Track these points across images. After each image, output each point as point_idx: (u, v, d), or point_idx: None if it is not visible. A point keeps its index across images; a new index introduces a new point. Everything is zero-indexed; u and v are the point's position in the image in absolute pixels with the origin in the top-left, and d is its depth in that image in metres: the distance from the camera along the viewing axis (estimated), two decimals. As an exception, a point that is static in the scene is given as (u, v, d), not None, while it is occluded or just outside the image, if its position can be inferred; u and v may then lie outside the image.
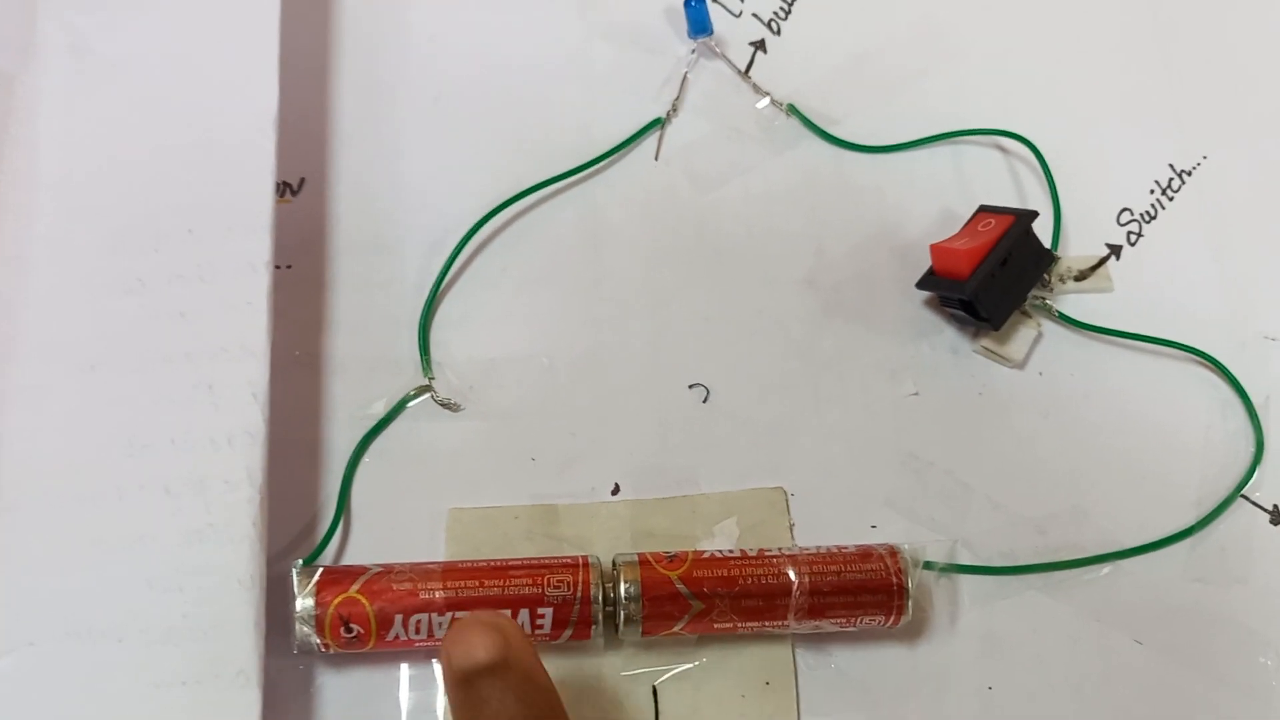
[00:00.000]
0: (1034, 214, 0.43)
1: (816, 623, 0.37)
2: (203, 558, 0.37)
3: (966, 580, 0.40)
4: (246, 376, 0.39)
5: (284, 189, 0.45)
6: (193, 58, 0.44)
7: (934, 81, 0.49)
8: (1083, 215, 0.46)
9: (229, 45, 0.44)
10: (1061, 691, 0.39)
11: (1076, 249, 0.46)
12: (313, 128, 0.46)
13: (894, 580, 0.37)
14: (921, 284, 0.44)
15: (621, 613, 0.37)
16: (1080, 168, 0.47)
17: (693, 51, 0.48)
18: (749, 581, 0.37)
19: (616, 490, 0.41)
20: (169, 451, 0.38)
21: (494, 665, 0.29)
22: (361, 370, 0.43)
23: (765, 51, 0.49)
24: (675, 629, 0.37)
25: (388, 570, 0.37)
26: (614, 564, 0.38)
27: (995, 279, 0.42)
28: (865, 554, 0.38)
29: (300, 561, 0.37)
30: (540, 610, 0.36)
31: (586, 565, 0.37)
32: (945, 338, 0.44)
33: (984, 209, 0.44)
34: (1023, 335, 0.44)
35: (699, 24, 0.47)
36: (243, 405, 0.38)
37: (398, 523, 0.40)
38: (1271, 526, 0.42)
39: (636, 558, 0.37)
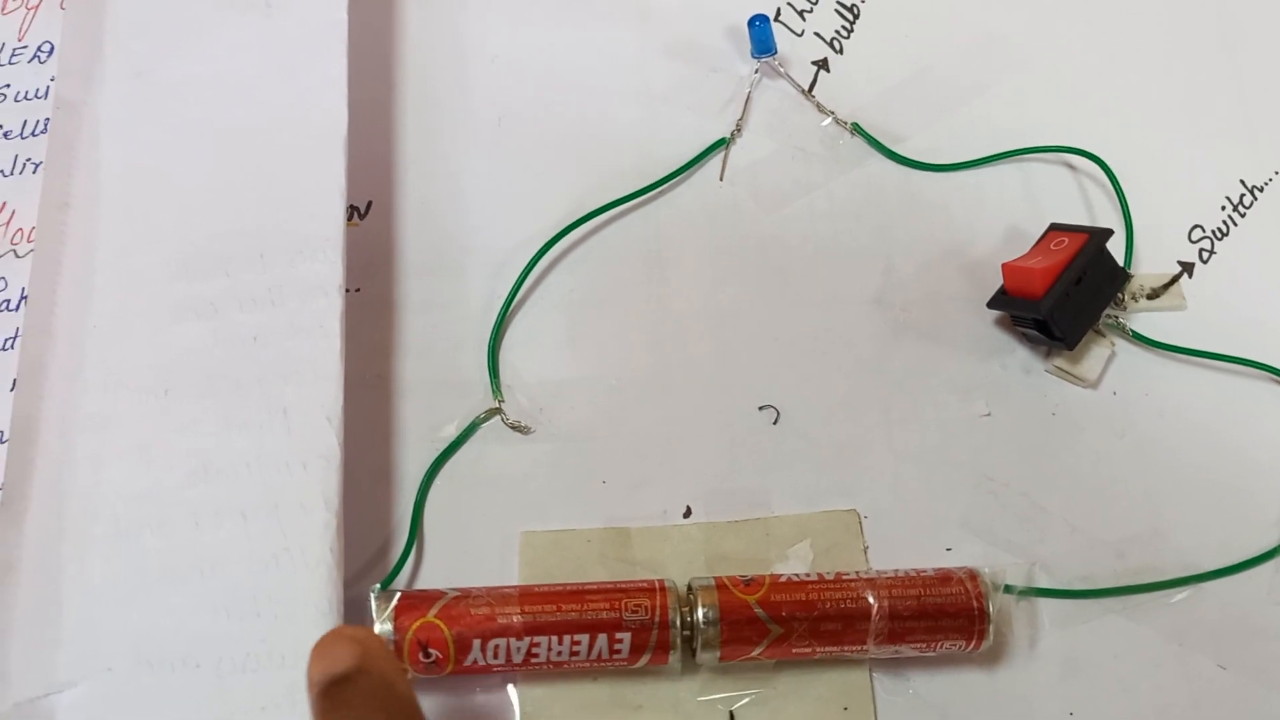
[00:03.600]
0: (1109, 232, 0.42)
1: (896, 648, 0.37)
2: (279, 583, 0.36)
3: (1045, 604, 0.40)
4: (320, 400, 0.39)
5: (352, 212, 0.45)
6: (259, 82, 0.44)
7: (999, 97, 0.48)
8: (1154, 232, 0.46)
9: (296, 69, 0.44)
10: (1145, 717, 0.38)
11: (1148, 267, 0.45)
12: (378, 151, 0.46)
13: (974, 604, 0.37)
14: (993, 303, 0.43)
15: (699, 637, 0.36)
16: (1150, 184, 0.46)
17: (756, 71, 0.48)
18: (828, 605, 0.37)
19: (688, 513, 0.41)
20: (244, 476, 0.38)
21: (351, 674, 0.30)
22: (430, 393, 0.42)
23: (828, 70, 0.48)
24: (753, 654, 0.37)
25: (465, 595, 0.36)
26: (689, 588, 0.37)
27: (1070, 298, 0.41)
28: (945, 577, 0.37)
29: (378, 586, 0.37)
30: (618, 635, 0.36)
31: (664, 589, 0.37)
32: (1017, 357, 0.44)
33: (1055, 227, 0.44)
34: (1096, 354, 0.43)
35: (763, 44, 0.46)
36: (317, 429, 0.38)
37: (470, 546, 0.40)
38: (1356, 547, 0.41)
39: (713, 581, 0.37)
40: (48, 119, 0.45)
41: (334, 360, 0.39)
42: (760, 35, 0.46)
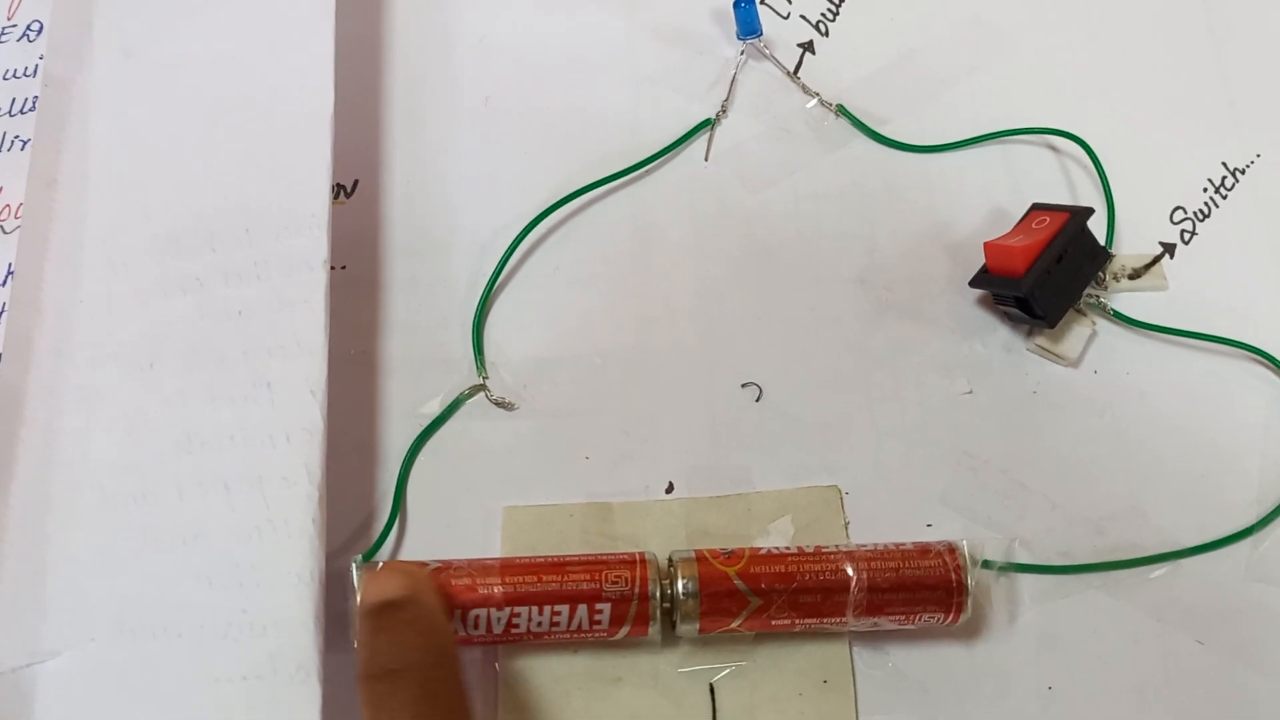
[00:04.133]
0: (1089, 211, 0.42)
1: (875, 619, 0.37)
2: (261, 554, 0.37)
3: (1025, 579, 0.40)
4: (304, 374, 0.39)
5: (338, 190, 0.45)
6: (247, 60, 0.44)
7: (983, 80, 0.49)
8: (1136, 213, 0.46)
9: (283, 48, 0.44)
10: (1122, 692, 0.39)
11: (1130, 247, 0.46)
12: (365, 129, 0.46)
13: (953, 577, 0.37)
14: (975, 282, 0.43)
15: (679, 609, 0.37)
16: (1132, 166, 0.46)
17: (741, 53, 0.48)
18: (807, 578, 0.37)
19: (670, 489, 0.41)
20: (228, 448, 0.38)
21: (401, 601, 0.34)
22: (415, 369, 0.43)
23: (813, 53, 0.49)
24: (732, 625, 0.37)
25: (446, 566, 0.37)
26: (670, 560, 0.38)
27: (1050, 276, 0.42)
28: (924, 550, 0.38)
29: (360, 558, 0.37)
30: (598, 606, 0.36)
31: (644, 561, 0.37)
32: (999, 336, 0.44)
33: (1037, 206, 0.44)
34: (1077, 333, 0.43)
35: (748, 25, 0.47)
36: (301, 402, 0.39)
37: (453, 520, 0.40)
38: (1334, 525, 0.41)
39: (694, 554, 0.37)
40: (36, 97, 0.45)
41: (318, 334, 0.39)
42: (746, 17, 0.46)
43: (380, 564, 0.37)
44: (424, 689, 0.32)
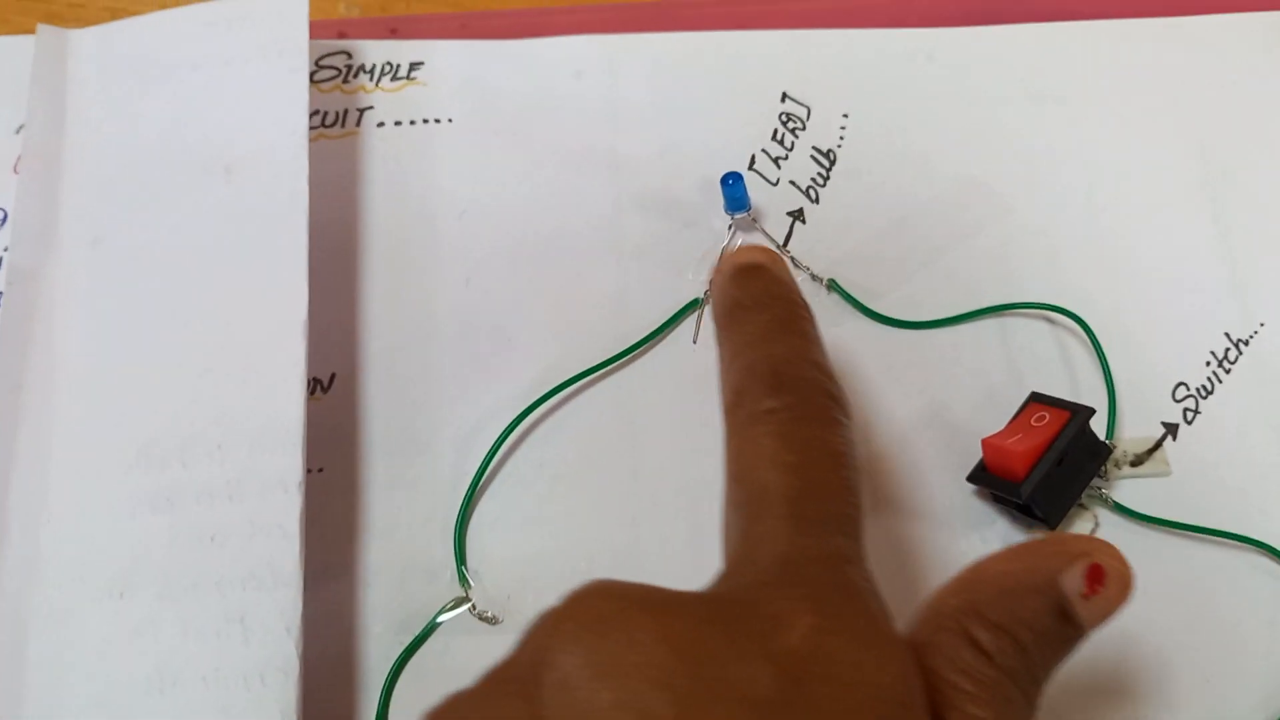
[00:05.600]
0: (1090, 411, 0.41)
1: None
2: (237, 806, 0.36)
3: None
4: (279, 607, 0.38)
5: (314, 385, 0.44)
6: (220, 253, 0.43)
7: (979, 246, 0.47)
8: (1137, 390, 0.45)
9: (257, 241, 0.43)
10: None
11: (1132, 426, 0.44)
12: (343, 318, 0.45)
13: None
14: (973, 478, 0.42)
15: None
16: (1133, 338, 0.45)
17: (730, 227, 0.46)
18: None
19: (661, 707, 0.40)
20: (199, 690, 0.37)
21: (762, 264, 0.34)
22: (397, 578, 0.41)
23: (804, 221, 0.47)
24: None
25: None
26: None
27: (1051, 479, 0.40)
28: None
29: (339, 810, 0.36)
30: None
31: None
32: (998, 529, 0.43)
33: (1036, 399, 0.43)
34: (1078, 528, 0.42)
35: (736, 202, 0.45)
36: (276, 639, 0.37)
37: (436, 751, 0.39)
38: (1344, 734, 0.40)
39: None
40: (1, 292, 0.43)
41: (293, 564, 0.38)
42: (733, 194, 0.45)
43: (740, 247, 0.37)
44: (782, 319, 0.33)
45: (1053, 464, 0.40)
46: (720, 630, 0.23)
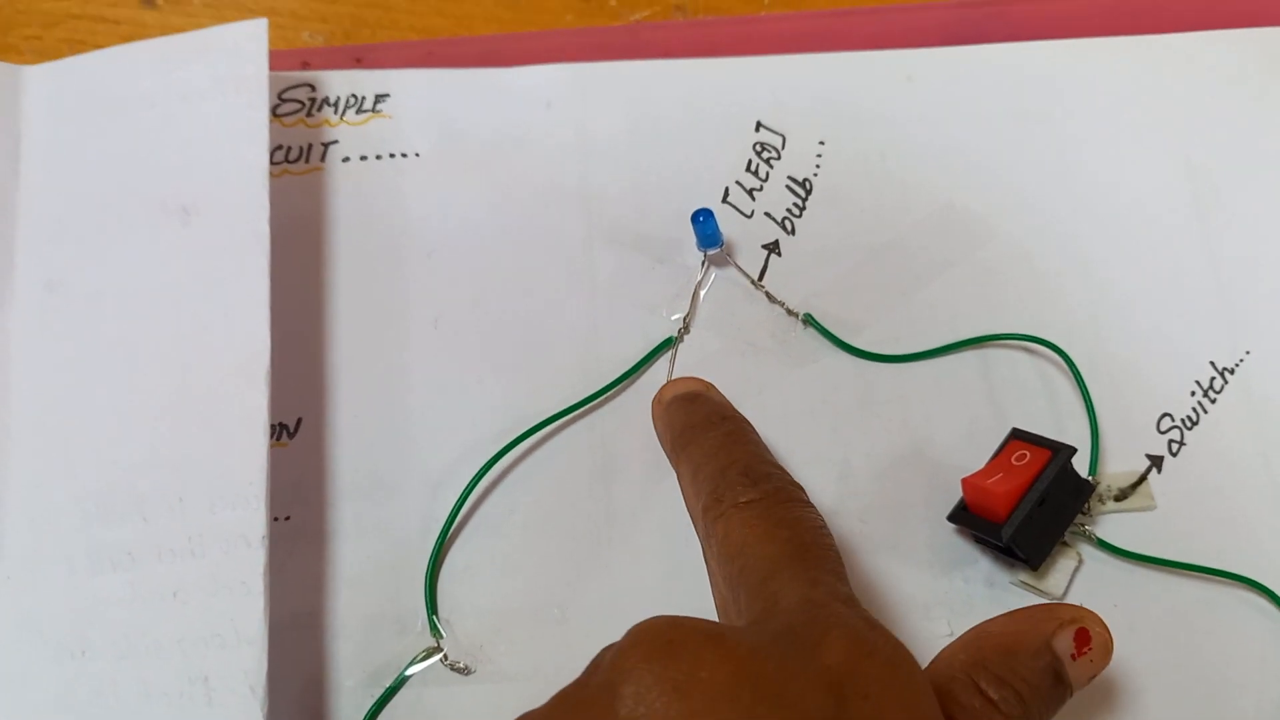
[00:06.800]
0: (1072, 450, 0.40)
1: None
2: None
3: None
4: (243, 668, 0.37)
5: (280, 430, 0.43)
6: (179, 297, 0.42)
7: (960, 275, 0.46)
8: (1121, 422, 0.44)
9: (216, 284, 0.42)
10: None
11: (1115, 461, 0.43)
12: (308, 360, 0.44)
13: None
14: (954, 518, 0.41)
15: None
16: (1117, 367, 0.44)
17: (703, 263, 0.45)
18: None
19: (638, 759, 0.39)
20: (162, 756, 0.36)
21: (699, 393, 0.39)
22: (366, 629, 0.40)
23: (779, 254, 0.46)
24: None
25: None
26: None
27: (1033, 520, 0.39)
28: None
29: None
30: None
31: None
32: (980, 569, 0.42)
33: (1017, 435, 0.42)
34: (1062, 567, 0.41)
35: (708, 239, 0.44)
36: (240, 700, 0.36)
37: (408, 810, 0.38)
38: (1336, 774, 0.39)
39: None
40: (-46, 339, 0.42)
41: (257, 621, 0.37)
42: (705, 230, 0.44)
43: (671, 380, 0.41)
44: (734, 433, 0.36)
45: (1034, 504, 0.39)
46: (770, 655, 0.26)
